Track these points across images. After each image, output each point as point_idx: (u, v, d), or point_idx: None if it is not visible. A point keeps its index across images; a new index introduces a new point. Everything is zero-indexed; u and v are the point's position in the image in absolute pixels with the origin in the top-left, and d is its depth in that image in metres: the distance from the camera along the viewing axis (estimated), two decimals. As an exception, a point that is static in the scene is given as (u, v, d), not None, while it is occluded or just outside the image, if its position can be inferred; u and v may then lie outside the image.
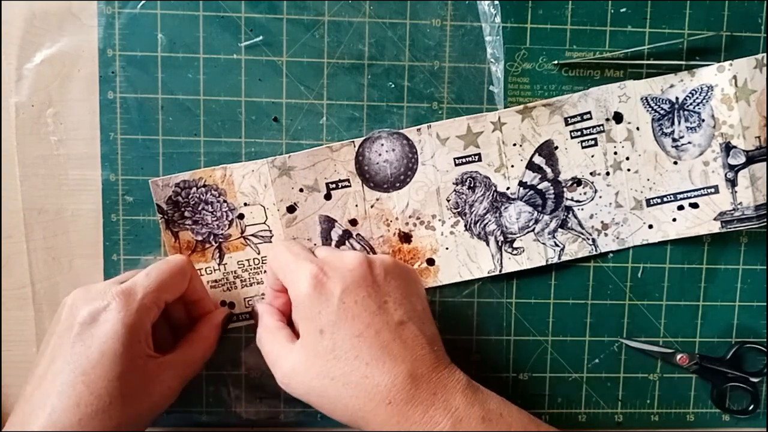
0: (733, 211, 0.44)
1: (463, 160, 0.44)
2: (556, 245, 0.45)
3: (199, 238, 0.44)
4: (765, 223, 0.44)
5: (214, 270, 0.44)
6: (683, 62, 0.44)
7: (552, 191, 0.45)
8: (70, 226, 0.45)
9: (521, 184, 0.45)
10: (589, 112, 0.44)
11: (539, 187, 0.45)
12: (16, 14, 0.43)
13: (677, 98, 0.44)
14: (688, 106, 0.44)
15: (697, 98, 0.44)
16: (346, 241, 0.44)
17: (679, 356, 0.46)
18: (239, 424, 0.46)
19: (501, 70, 0.44)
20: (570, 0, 0.44)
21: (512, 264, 0.45)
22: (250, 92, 0.43)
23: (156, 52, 0.43)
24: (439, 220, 0.45)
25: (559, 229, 0.45)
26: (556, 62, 0.44)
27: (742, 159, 0.43)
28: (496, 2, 0.43)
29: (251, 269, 0.45)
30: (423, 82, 0.44)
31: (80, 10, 0.43)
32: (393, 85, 0.44)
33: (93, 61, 0.43)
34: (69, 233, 0.45)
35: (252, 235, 0.44)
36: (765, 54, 0.43)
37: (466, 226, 0.45)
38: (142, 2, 0.42)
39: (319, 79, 0.44)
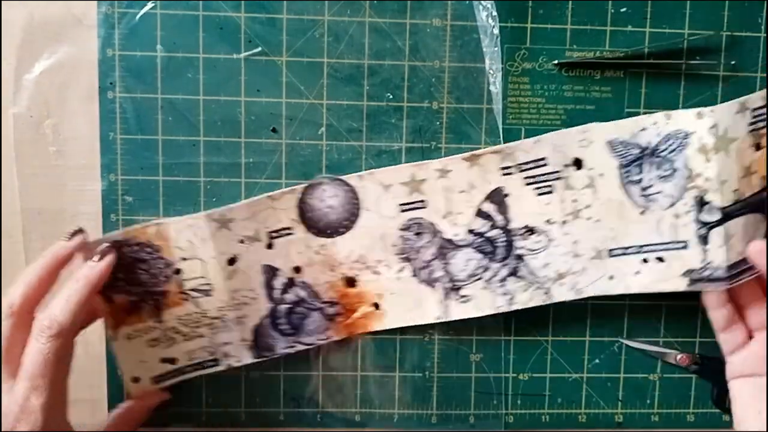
0: (702, 270, 0.40)
1: (409, 207, 0.43)
2: (506, 294, 0.44)
3: (134, 298, 0.43)
4: (736, 283, 0.40)
5: (153, 328, 0.44)
6: (683, 62, 0.44)
7: (502, 239, 0.43)
8: (69, 227, 0.44)
9: (470, 231, 0.43)
10: (544, 158, 0.42)
11: (488, 234, 0.43)
12: (14, 24, 0.43)
13: (649, 143, 0.40)
14: (660, 153, 0.40)
15: (671, 144, 0.40)
16: (289, 289, 0.44)
17: (679, 356, 0.46)
18: (239, 424, 0.46)
19: (499, 81, 0.44)
20: (570, 0, 0.44)
21: (459, 311, 0.44)
22: (249, 95, 0.43)
23: (155, 53, 0.43)
24: (385, 265, 0.44)
25: (510, 277, 0.43)
26: (556, 62, 0.44)
27: (717, 216, 0.39)
28: (494, 14, 0.43)
29: (191, 323, 0.44)
30: (423, 81, 0.44)
31: (82, 14, 0.43)
32: (393, 85, 0.44)
33: (92, 70, 0.43)
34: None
35: (191, 289, 0.43)
36: (747, 96, 0.39)
37: (412, 272, 0.44)
38: (144, 10, 0.42)
39: (318, 80, 0.44)
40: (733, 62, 0.44)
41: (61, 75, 0.43)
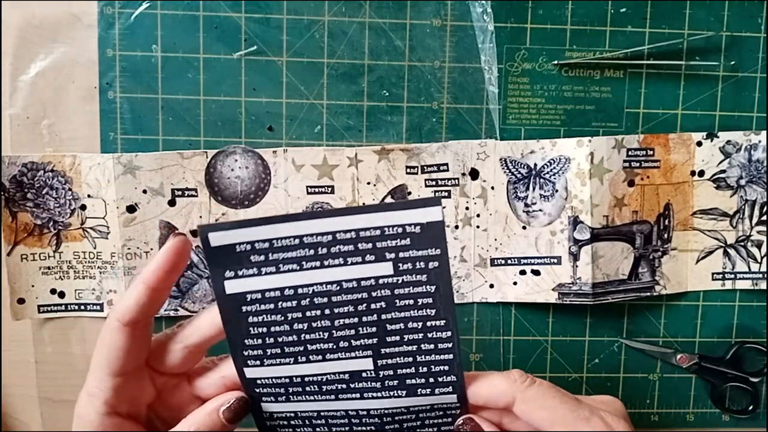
0: (571, 285, 0.44)
1: (316, 190, 0.44)
2: None
3: (39, 222, 0.44)
4: (600, 302, 0.44)
5: (49, 257, 0.44)
6: (683, 62, 0.44)
7: None
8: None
9: None
10: (447, 164, 0.44)
11: None
12: (10, 25, 0.43)
13: (535, 164, 0.44)
14: (544, 174, 0.44)
15: (554, 168, 0.44)
16: None
17: (679, 356, 0.46)
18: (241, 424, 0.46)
19: (495, 77, 0.44)
20: (570, 0, 0.44)
21: None
22: (249, 95, 0.43)
23: (155, 53, 0.43)
24: None
25: None
26: (556, 62, 0.44)
27: (587, 235, 0.43)
28: (489, 10, 0.43)
29: (86, 262, 0.45)
30: (423, 81, 0.44)
31: (81, 13, 0.43)
32: (393, 85, 0.44)
33: (90, 70, 0.43)
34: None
35: (91, 228, 0.44)
36: (623, 136, 0.43)
37: None
38: (140, 10, 0.42)
39: (318, 80, 0.44)
40: (732, 62, 0.44)
41: (58, 75, 0.43)
